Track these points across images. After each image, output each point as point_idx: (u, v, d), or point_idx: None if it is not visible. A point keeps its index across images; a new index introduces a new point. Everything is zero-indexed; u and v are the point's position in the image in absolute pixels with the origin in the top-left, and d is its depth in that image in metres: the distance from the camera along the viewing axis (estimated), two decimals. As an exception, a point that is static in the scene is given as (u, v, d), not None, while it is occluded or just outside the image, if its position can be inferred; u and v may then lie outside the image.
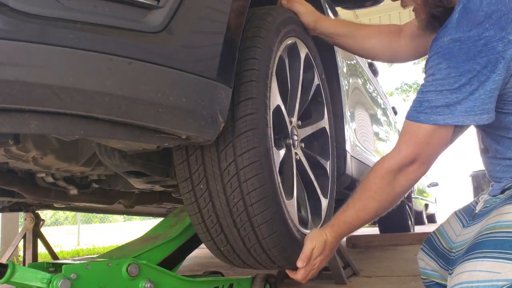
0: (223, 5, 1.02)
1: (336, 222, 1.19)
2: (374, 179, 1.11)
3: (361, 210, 1.14)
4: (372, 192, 1.11)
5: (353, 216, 1.15)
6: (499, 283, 0.79)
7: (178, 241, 1.41)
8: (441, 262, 1.14)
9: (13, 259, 2.86)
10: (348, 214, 1.17)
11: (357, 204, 1.15)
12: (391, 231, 4.18)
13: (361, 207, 1.14)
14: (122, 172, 1.29)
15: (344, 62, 2.14)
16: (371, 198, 1.12)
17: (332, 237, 1.18)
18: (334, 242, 1.19)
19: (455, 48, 0.95)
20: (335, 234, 1.19)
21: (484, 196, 1.11)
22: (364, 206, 1.14)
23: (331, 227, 1.20)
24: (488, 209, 1.03)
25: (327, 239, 1.18)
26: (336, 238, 1.19)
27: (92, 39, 0.79)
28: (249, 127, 1.09)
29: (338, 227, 1.18)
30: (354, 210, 1.15)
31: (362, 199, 1.14)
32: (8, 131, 0.77)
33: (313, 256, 1.18)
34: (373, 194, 1.11)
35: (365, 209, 1.14)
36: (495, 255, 0.82)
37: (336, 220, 1.20)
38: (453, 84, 0.95)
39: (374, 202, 1.12)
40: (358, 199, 1.15)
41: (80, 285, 1.07)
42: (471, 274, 0.82)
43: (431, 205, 10.71)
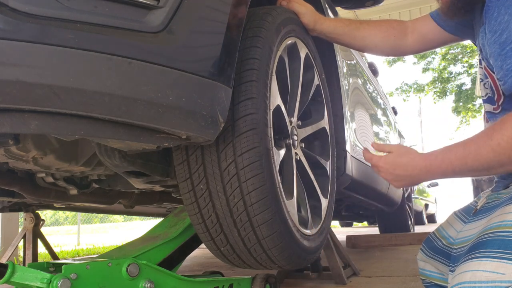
0: (223, 5, 1.02)
1: (435, 153, 1.00)
2: (502, 130, 0.90)
3: (471, 154, 0.93)
4: (495, 142, 0.90)
5: (460, 157, 0.95)
6: (502, 284, 0.78)
7: (178, 241, 1.41)
8: (441, 258, 1.14)
9: (13, 259, 2.86)
10: (454, 151, 0.96)
11: (469, 146, 0.94)
12: (391, 231, 4.18)
13: (472, 151, 0.93)
14: (122, 172, 1.29)
15: (344, 62, 2.14)
16: (491, 147, 0.90)
17: (421, 160, 1.00)
18: (415, 167, 1.00)
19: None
20: (426, 161, 0.99)
21: (486, 192, 1.11)
22: (476, 151, 0.92)
23: (427, 153, 1.01)
24: (491, 205, 1.02)
25: (414, 157, 1.01)
26: (424, 165, 0.99)
27: (92, 39, 0.79)
28: (249, 127, 1.09)
29: (435, 157, 0.99)
30: (463, 152, 0.94)
31: (478, 144, 0.93)
32: (8, 131, 0.77)
33: (386, 159, 1.04)
34: (495, 145, 0.90)
35: (476, 154, 0.92)
36: (499, 256, 0.81)
37: (435, 152, 1.00)
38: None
39: (492, 152, 0.90)
40: (472, 142, 0.94)
41: (80, 285, 1.07)
42: (474, 274, 0.82)
43: (431, 205, 10.72)
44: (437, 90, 16.74)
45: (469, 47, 15.38)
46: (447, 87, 16.58)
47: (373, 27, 1.50)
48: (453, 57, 16.06)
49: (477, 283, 0.80)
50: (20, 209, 2.29)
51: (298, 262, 1.31)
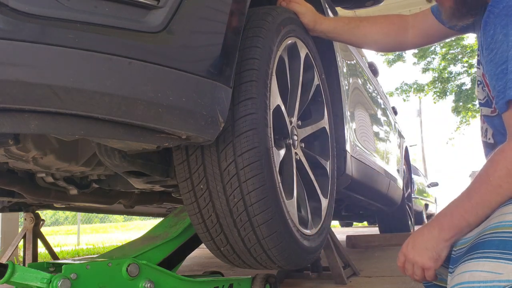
0: (223, 5, 1.02)
1: (441, 213, 1.00)
2: (497, 172, 0.91)
3: (479, 204, 0.93)
4: (495, 186, 0.91)
5: (469, 210, 0.94)
6: (501, 284, 0.78)
7: (178, 241, 1.41)
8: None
9: (13, 259, 2.86)
10: (462, 206, 0.96)
11: (474, 197, 0.94)
12: (391, 231, 4.18)
13: (479, 201, 0.93)
14: (122, 172, 1.29)
15: (344, 62, 2.14)
16: (494, 191, 0.91)
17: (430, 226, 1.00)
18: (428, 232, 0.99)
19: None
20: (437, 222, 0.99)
21: None
22: (482, 200, 0.93)
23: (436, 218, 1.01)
24: None
25: (422, 228, 1.02)
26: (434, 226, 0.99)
27: (92, 39, 0.79)
28: (249, 127, 1.09)
29: (443, 215, 0.99)
30: (470, 204, 0.94)
31: (481, 192, 0.93)
32: (8, 131, 0.77)
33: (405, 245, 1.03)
34: (496, 188, 0.91)
35: (483, 203, 0.93)
36: (497, 256, 0.81)
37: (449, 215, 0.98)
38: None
39: (498, 196, 0.91)
40: (474, 192, 0.95)
41: (80, 285, 1.07)
42: (472, 274, 0.82)
43: (431, 205, 10.71)
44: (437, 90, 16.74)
45: (469, 47, 15.37)
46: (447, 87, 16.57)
47: (374, 25, 1.50)
48: (453, 57, 16.05)
49: (476, 283, 0.80)
50: (20, 209, 2.29)
51: (298, 262, 1.31)
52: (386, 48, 1.57)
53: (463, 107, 16.24)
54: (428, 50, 15.74)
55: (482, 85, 1.10)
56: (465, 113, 16.41)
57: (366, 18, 1.54)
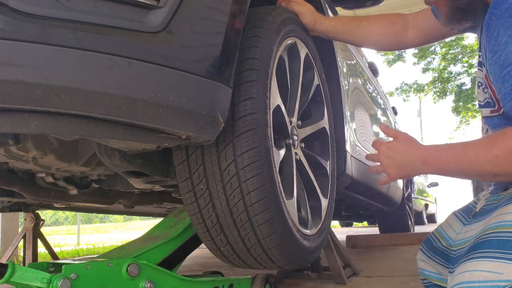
0: (223, 5, 1.02)
1: (435, 147, 0.99)
2: (504, 142, 0.89)
3: (468, 161, 0.92)
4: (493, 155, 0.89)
5: (457, 160, 0.94)
6: (501, 283, 0.78)
7: (178, 241, 1.41)
8: (441, 260, 1.14)
9: (13, 259, 2.86)
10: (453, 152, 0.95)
11: (468, 151, 0.93)
12: (391, 231, 4.18)
13: (470, 159, 0.92)
14: (122, 172, 1.29)
15: (344, 62, 2.14)
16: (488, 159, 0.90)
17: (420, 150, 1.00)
18: (413, 155, 1.00)
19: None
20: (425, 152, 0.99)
21: (485, 194, 1.11)
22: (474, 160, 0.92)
23: (428, 145, 1.01)
24: (490, 207, 1.02)
25: (414, 144, 1.02)
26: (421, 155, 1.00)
27: (92, 39, 0.79)
28: (249, 127, 1.09)
29: (434, 151, 0.98)
30: (461, 156, 0.94)
31: (478, 153, 0.92)
32: (8, 131, 0.77)
33: (388, 143, 1.05)
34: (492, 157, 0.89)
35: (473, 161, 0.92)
36: (497, 255, 0.81)
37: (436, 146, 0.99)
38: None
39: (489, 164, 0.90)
40: (472, 147, 0.94)
41: (80, 285, 1.07)
42: (473, 274, 0.82)
43: (431, 205, 10.71)
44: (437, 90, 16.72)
45: (469, 47, 15.36)
46: (447, 87, 16.56)
47: (374, 24, 1.50)
48: (453, 57, 16.04)
49: (476, 283, 0.80)
50: (20, 209, 2.29)
51: (298, 262, 1.31)
52: (386, 48, 1.57)
53: (463, 107, 16.23)
54: (428, 50, 15.73)
55: (484, 86, 1.10)
56: (465, 113, 16.40)
57: (366, 17, 1.54)
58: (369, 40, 1.52)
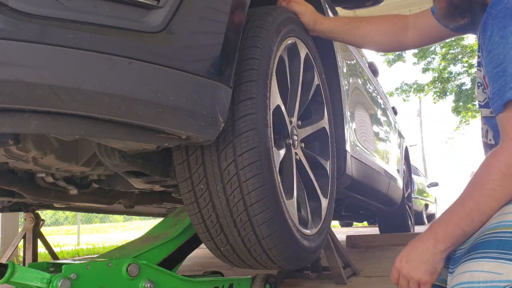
0: (223, 5, 1.02)
1: (436, 223, 0.97)
2: (490, 175, 0.90)
3: (474, 210, 0.91)
4: (489, 189, 0.89)
5: (464, 217, 0.92)
6: (501, 284, 0.78)
7: (178, 241, 1.41)
8: None
9: (13, 259, 2.86)
10: (456, 213, 0.94)
11: (468, 203, 0.92)
12: (391, 231, 4.18)
13: (473, 207, 0.91)
14: (122, 172, 1.29)
15: (344, 62, 2.14)
16: (488, 196, 0.90)
17: (424, 236, 0.96)
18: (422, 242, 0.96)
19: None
20: (431, 233, 0.96)
21: None
22: (477, 205, 0.91)
23: (430, 229, 0.97)
24: None
25: (417, 239, 0.98)
26: (429, 237, 0.96)
27: (92, 39, 0.79)
28: (249, 127, 1.09)
29: (438, 225, 0.95)
30: (465, 211, 0.92)
31: (475, 197, 0.91)
32: (8, 131, 0.77)
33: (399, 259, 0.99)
34: (490, 192, 0.89)
35: (478, 208, 0.91)
36: (497, 256, 0.81)
37: (443, 224, 0.95)
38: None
39: (492, 200, 0.89)
40: (469, 198, 0.92)
41: (80, 285, 1.07)
42: (472, 275, 0.82)
43: (431, 205, 10.71)
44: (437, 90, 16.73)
45: (469, 47, 15.37)
46: (447, 87, 16.56)
47: (374, 25, 1.50)
48: (453, 57, 16.04)
49: (476, 283, 0.80)
50: (20, 209, 2.29)
51: (298, 262, 1.31)
52: (386, 49, 1.57)
53: (463, 107, 16.23)
54: (428, 50, 15.74)
55: (483, 87, 1.10)
56: (465, 113, 16.41)
57: (366, 18, 1.54)
58: (369, 41, 1.52)
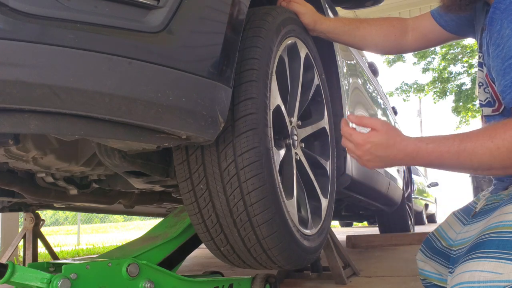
0: (223, 5, 1.02)
1: (426, 140, 0.92)
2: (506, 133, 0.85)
3: (465, 151, 0.87)
4: (495, 144, 0.85)
5: (453, 152, 0.88)
6: (501, 284, 0.78)
7: (178, 241, 1.41)
8: (440, 260, 1.14)
9: (13, 259, 2.86)
10: (448, 144, 0.89)
11: (466, 142, 0.88)
12: (391, 231, 4.18)
13: (468, 149, 0.87)
14: (122, 172, 1.29)
15: (344, 62, 2.14)
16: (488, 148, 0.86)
17: (410, 145, 0.92)
18: (402, 151, 0.92)
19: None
20: (415, 146, 0.91)
21: (485, 194, 1.11)
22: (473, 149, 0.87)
23: (417, 138, 0.93)
24: (490, 207, 1.03)
25: (402, 139, 0.93)
26: (411, 150, 0.91)
27: (92, 39, 0.79)
28: (249, 127, 1.09)
29: (425, 145, 0.91)
30: (457, 147, 0.88)
31: (477, 142, 0.87)
32: (8, 131, 0.77)
33: (368, 137, 0.95)
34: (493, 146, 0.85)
35: (472, 152, 0.87)
36: (497, 256, 0.81)
37: (427, 139, 0.92)
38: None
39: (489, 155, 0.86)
40: (469, 139, 0.89)
41: (80, 285, 1.07)
42: (472, 274, 0.82)
43: (431, 205, 10.72)
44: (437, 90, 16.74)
45: (469, 47, 15.38)
46: (447, 87, 16.57)
47: (374, 27, 1.50)
48: (453, 57, 16.05)
49: (476, 283, 0.80)
50: (20, 209, 2.29)
51: (298, 262, 1.31)
52: (385, 51, 1.57)
53: (463, 107, 16.24)
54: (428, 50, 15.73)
55: (484, 86, 1.10)
56: (465, 113, 16.41)
57: (367, 20, 1.54)
58: (368, 43, 1.52)
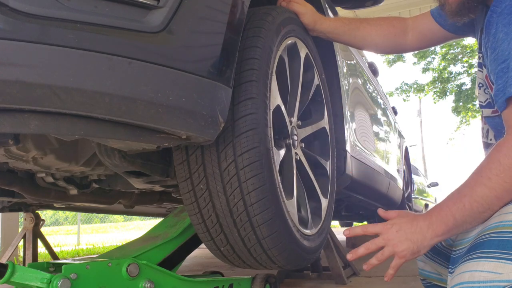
0: (223, 5, 1.02)
1: (438, 209, 0.93)
2: (489, 164, 0.89)
3: (467, 196, 0.89)
4: (485, 178, 0.88)
5: (457, 201, 0.90)
6: (501, 283, 0.78)
7: (178, 241, 1.41)
8: (440, 260, 1.14)
9: (13, 259, 2.86)
10: (450, 197, 0.92)
11: (463, 189, 0.91)
12: (391, 231, 4.17)
13: (467, 193, 0.90)
14: (122, 172, 1.29)
15: (344, 62, 2.14)
16: (482, 184, 0.88)
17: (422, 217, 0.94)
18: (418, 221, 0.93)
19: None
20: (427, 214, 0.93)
21: None
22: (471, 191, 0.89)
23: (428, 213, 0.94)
24: None
25: (417, 215, 0.95)
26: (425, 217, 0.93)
27: (92, 39, 0.79)
28: (249, 127, 1.09)
29: (434, 208, 0.94)
30: (458, 196, 0.90)
31: (471, 184, 0.90)
32: (8, 131, 0.77)
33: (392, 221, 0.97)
34: (485, 180, 0.88)
35: (471, 195, 0.89)
36: (497, 256, 0.81)
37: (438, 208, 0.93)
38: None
39: (486, 189, 0.88)
40: (465, 185, 0.91)
41: (80, 285, 1.07)
42: (472, 274, 0.82)
43: (431, 205, 10.71)
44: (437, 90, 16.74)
45: (469, 47, 15.37)
46: (447, 87, 16.58)
47: (374, 26, 1.50)
48: (453, 57, 16.05)
49: (476, 283, 0.80)
50: (20, 209, 2.29)
51: (298, 262, 1.31)
52: (385, 51, 1.57)
53: (463, 107, 16.25)
54: (428, 50, 15.75)
55: (485, 87, 1.10)
56: (465, 113, 16.42)
57: (366, 19, 1.54)
58: (369, 42, 1.52)
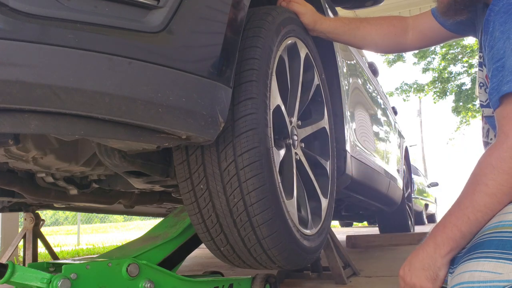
0: (223, 5, 1.02)
1: (441, 228, 0.94)
2: (482, 170, 0.90)
3: (469, 208, 0.91)
4: (482, 185, 0.89)
5: (460, 216, 0.91)
6: (501, 283, 0.78)
7: (178, 241, 1.41)
8: None
9: (13, 259, 2.86)
10: (452, 212, 0.94)
11: (463, 202, 0.92)
12: (391, 231, 4.18)
13: (468, 205, 0.91)
14: (122, 172, 1.29)
15: (344, 62, 2.14)
16: (481, 191, 0.89)
17: (425, 243, 0.95)
18: (423, 247, 0.95)
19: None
20: (430, 236, 0.95)
21: None
22: (471, 202, 0.90)
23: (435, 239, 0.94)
24: None
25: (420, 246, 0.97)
26: (429, 240, 0.94)
27: (92, 39, 0.79)
28: (249, 127, 1.09)
29: (436, 228, 0.95)
30: (460, 210, 0.92)
31: (469, 195, 0.92)
32: (8, 131, 0.77)
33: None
34: (483, 187, 0.89)
35: (473, 205, 0.90)
36: (497, 256, 0.81)
37: (441, 227, 0.94)
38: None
39: (486, 196, 0.89)
40: (463, 197, 0.93)
41: (80, 285, 1.07)
42: (472, 274, 0.82)
43: (431, 205, 10.72)
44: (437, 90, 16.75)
45: (469, 47, 15.38)
46: (447, 87, 16.58)
47: (374, 26, 1.50)
48: (453, 57, 16.06)
49: (476, 283, 0.80)
50: (20, 209, 2.29)
51: (298, 262, 1.31)
52: (386, 50, 1.57)
53: (463, 107, 16.25)
54: (428, 50, 15.77)
55: (485, 87, 1.10)
56: (465, 113, 16.42)
57: (366, 19, 1.54)
58: (369, 42, 1.52)
